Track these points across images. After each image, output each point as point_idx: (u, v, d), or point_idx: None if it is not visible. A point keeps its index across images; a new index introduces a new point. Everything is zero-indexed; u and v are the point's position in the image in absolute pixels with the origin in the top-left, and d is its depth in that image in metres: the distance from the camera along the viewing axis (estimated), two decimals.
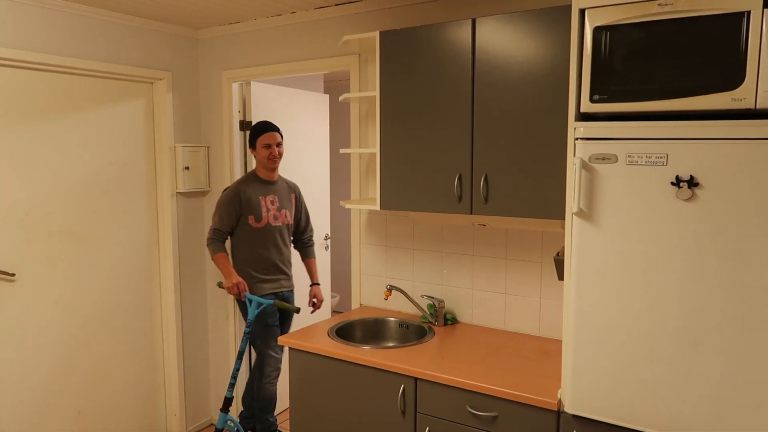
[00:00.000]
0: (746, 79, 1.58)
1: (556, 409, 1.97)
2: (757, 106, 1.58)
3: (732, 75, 1.60)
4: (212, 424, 3.86)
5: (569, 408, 1.92)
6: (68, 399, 3.12)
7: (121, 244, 3.33)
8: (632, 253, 1.76)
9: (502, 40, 2.24)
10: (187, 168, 3.52)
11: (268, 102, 3.69)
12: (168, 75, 3.44)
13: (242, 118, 3.60)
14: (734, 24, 1.58)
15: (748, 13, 1.56)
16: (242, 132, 3.61)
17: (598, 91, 1.79)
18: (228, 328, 3.70)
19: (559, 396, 1.98)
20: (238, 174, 3.59)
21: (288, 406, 4.02)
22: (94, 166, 3.17)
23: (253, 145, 3.19)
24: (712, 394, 1.68)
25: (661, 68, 1.70)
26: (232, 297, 3.60)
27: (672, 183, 1.69)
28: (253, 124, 3.29)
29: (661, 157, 1.70)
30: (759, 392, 1.62)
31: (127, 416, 3.43)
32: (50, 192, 2.98)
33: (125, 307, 3.38)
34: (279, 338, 2.67)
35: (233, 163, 3.56)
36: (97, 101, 3.16)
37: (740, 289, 1.62)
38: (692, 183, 1.66)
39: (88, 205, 3.16)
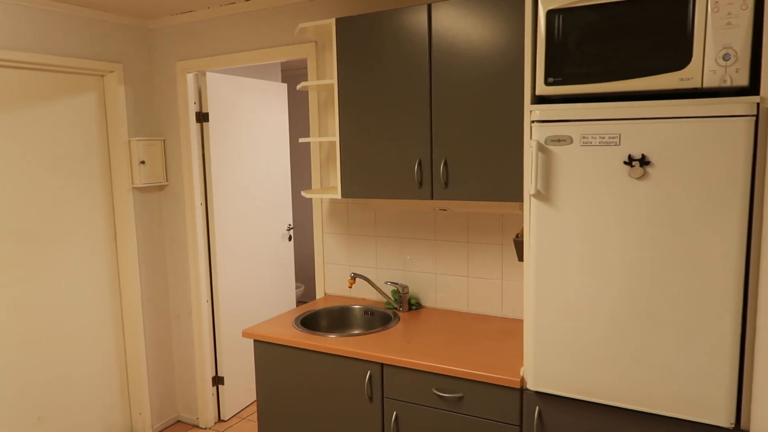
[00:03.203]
0: (693, 59, 1.63)
1: (519, 386, 2.01)
2: (704, 85, 1.63)
3: (680, 55, 1.64)
4: (179, 421, 3.81)
5: (532, 385, 1.96)
6: (27, 404, 3.03)
7: (77, 243, 3.24)
8: (589, 231, 1.81)
9: (458, 25, 2.25)
10: (143, 162, 3.44)
11: (225, 92, 3.63)
12: (119, 67, 3.34)
13: (198, 110, 3.53)
14: (682, 4, 1.63)
15: None
16: (198, 124, 3.54)
17: (553, 74, 1.82)
18: (191, 323, 3.65)
19: (521, 374, 2.02)
20: (196, 167, 3.53)
21: (255, 398, 4.01)
22: (46, 164, 3.07)
23: None
24: (669, 365, 1.74)
25: (612, 50, 1.73)
26: (193, 292, 3.60)
27: (625, 162, 1.73)
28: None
29: (614, 137, 1.74)
30: (711, 362, 1.68)
31: (91, 418, 3.35)
32: None
33: (85, 306, 3.29)
34: (243, 330, 2.66)
35: (191, 155, 3.50)
36: (45, 96, 3.05)
37: (691, 264, 1.68)
38: (644, 162, 1.71)
39: (40, 204, 3.06)
